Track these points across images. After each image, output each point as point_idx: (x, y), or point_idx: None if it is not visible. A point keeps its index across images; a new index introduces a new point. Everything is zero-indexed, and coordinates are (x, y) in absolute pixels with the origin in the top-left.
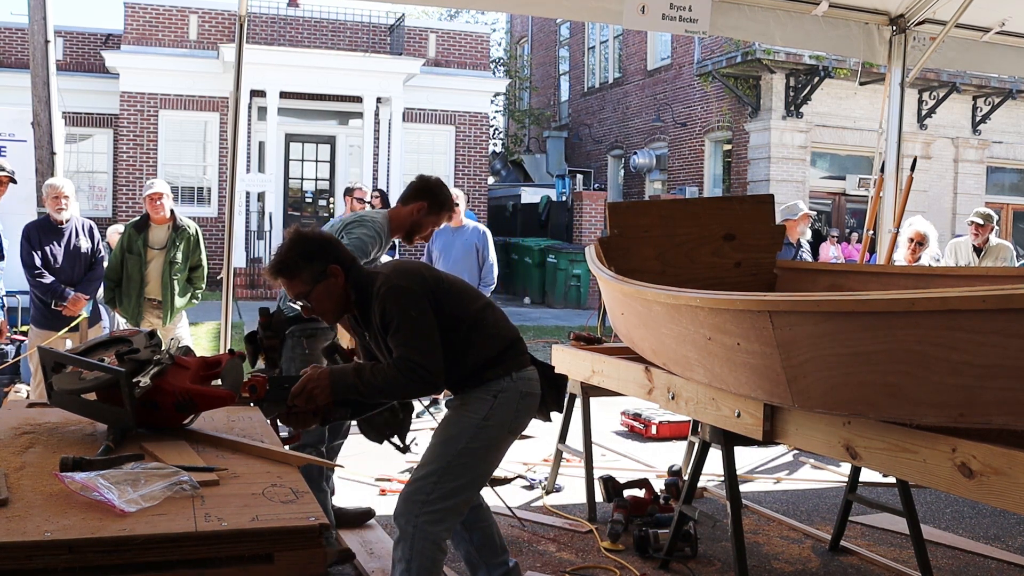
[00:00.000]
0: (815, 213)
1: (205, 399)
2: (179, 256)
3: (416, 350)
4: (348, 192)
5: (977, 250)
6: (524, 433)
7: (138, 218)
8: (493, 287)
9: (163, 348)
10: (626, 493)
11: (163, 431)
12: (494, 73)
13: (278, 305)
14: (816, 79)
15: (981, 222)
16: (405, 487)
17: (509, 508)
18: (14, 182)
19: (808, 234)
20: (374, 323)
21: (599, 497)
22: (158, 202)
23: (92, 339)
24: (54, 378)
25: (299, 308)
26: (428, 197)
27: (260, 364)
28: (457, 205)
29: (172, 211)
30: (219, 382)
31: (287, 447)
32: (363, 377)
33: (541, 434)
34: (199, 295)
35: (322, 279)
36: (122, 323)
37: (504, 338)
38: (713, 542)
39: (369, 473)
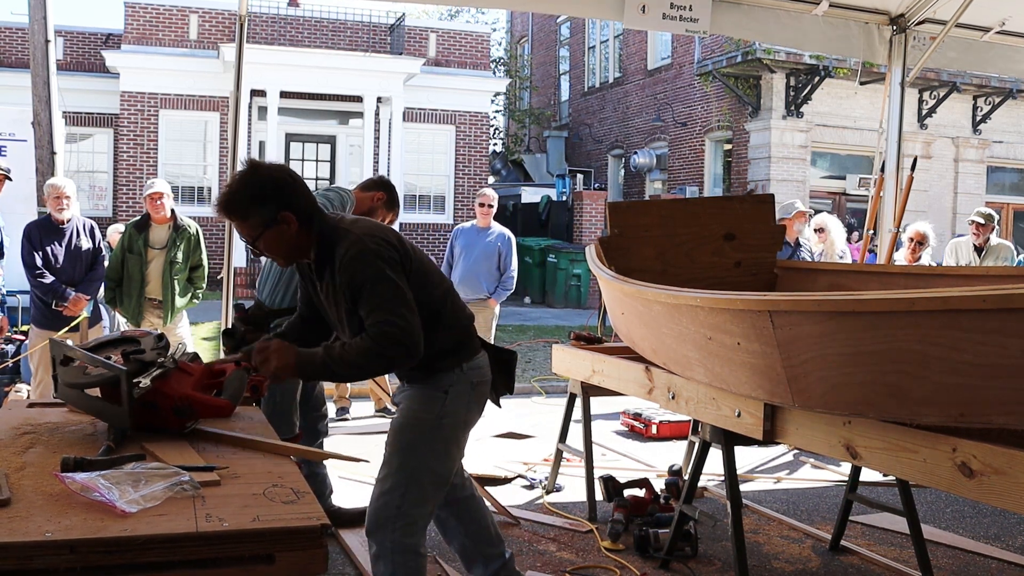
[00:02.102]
0: (812, 211)
1: (204, 407)
2: (180, 256)
3: (393, 313)
4: None
5: (978, 250)
6: (524, 433)
7: (139, 218)
8: (510, 292)
9: (169, 352)
10: (626, 493)
11: (164, 431)
12: (494, 73)
13: (256, 299)
14: (816, 79)
15: (982, 222)
16: (372, 500)
17: (501, 506)
18: (9, 179)
19: (806, 232)
20: (337, 284)
21: (599, 497)
22: (158, 202)
23: (101, 336)
24: (60, 371)
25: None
26: (387, 191)
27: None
28: (492, 207)
29: (173, 211)
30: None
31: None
32: (332, 354)
33: (541, 434)
34: (200, 295)
35: (272, 225)
36: (122, 323)
37: (460, 328)
38: (713, 542)
39: (369, 473)
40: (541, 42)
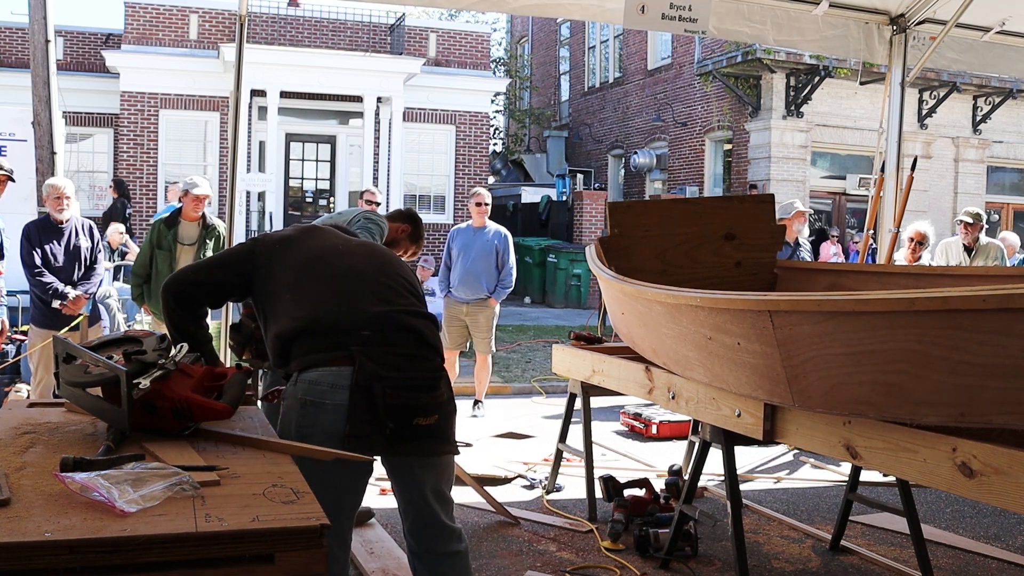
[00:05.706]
0: (811, 211)
1: (203, 410)
2: (210, 253)
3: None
4: (360, 195)
5: (968, 249)
6: (524, 433)
7: (168, 214)
8: (511, 290)
9: (171, 354)
10: (626, 492)
11: (162, 432)
12: (494, 73)
13: None
14: (816, 79)
15: (971, 221)
16: None
17: (502, 508)
18: (12, 180)
19: (805, 231)
20: None
21: (599, 497)
22: (205, 202)
23: (104, 335)
24: (62, 369)
25: None
26: (414, 224)
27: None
28: (487, 205)
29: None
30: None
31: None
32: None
33: (542, 434)
34: None
35: None
36: (122, 322)
37: (301, 319)
38: (713, 541)
39: None
40: (541, 42)
